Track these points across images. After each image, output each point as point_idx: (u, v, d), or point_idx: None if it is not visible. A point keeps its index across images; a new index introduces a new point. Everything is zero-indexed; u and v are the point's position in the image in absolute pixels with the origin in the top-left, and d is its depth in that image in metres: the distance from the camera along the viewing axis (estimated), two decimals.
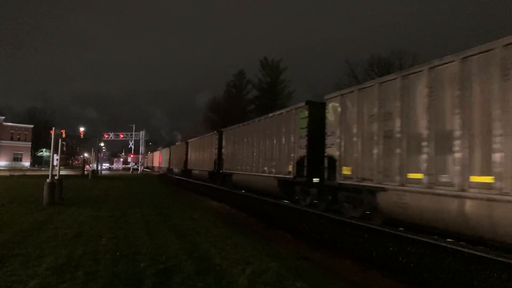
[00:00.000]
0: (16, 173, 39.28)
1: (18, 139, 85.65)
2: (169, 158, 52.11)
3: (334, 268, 7.56)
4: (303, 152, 13.55)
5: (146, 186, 29.54)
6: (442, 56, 8.38)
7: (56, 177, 16.35)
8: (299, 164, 13.74)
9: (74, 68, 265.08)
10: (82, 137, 58.21)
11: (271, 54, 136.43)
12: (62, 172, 27.98)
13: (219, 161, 24.71)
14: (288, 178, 14.57)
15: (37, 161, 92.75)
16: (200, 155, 31.03)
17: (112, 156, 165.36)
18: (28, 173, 43.75)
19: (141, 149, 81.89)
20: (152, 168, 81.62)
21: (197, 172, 32.05)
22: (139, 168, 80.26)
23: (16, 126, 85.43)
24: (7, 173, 40.11)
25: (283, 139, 15.37)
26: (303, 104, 14.12)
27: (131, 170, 78.85)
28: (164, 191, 25.54)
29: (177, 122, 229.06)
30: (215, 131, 26.55)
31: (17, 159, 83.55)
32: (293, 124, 14.50)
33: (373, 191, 9.92)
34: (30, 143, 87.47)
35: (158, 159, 70.92)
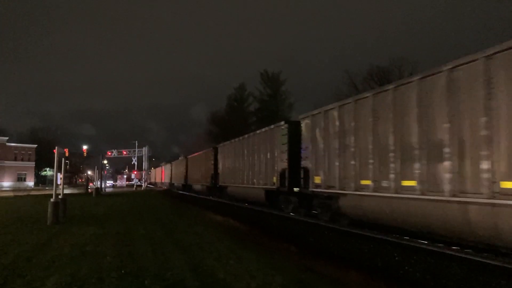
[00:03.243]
0: (21, 193, 39.34)
1: (22, 159, 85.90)
2: (186, 172, 40.85)
3: (340, 279, 7.53)
4: None
5: (150, 203, 29.51)
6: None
7: (60, 196, 16.39)
8: None
9: (69, 85, 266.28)
10: (85, 155, 58.40)
11: (270, 66, 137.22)
12: (66, 191, 28.07)
13: (292, 172, 15.28)
14: None
15: (41, 181, 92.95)
16: (243, 166, 21.29)
17: (115, 173, 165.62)
18: (33, 193, 43.83)
19: (145, 165, 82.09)
20: (161, 183, 74.53)
21: (237, 190, 22.63)
22: (143, 184, 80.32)
23: (20, 146, 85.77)
24: (11, 194, 40.21)
25: None
26: None
27: (134, 186, 78.92)
28: (167, 206, 25.50)
29: (177, 137, 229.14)
30: (282, 122, 16.74)
31: (21, 179, 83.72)
32: None
33: None
34: (34, 162, 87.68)
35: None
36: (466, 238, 7.97)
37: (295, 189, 14.94)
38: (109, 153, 78.84)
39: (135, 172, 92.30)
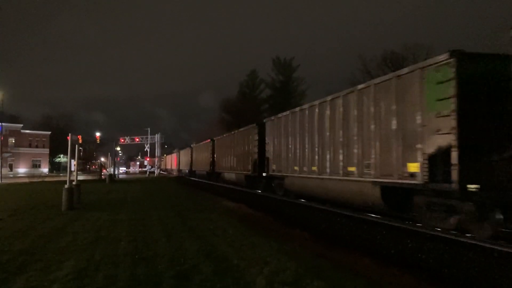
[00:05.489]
0: (35, 180, 39.91)
1: (36, 146, 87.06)
2: (212, 158, 33.83)
3: (353, 266, 7.51)
4: None
5: (163, 189, 29.74)
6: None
7: (74, 183, 16.56)
8: None
9: (77, 73, 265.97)
10: (98, 142, 58.94)
11: (282, 52, 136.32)
12: (80, 177, 28.43)
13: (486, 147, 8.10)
14: None
15: (55, 167, 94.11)
16: (323, 145, 13.62)
17: (128, 159, 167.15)
18: (47, 179, 44.40)
19: (157, 152, 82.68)
20: (178, 171, 65.76)
21: (307, 183, 15.00)
22: (156, 171, 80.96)
23: (34, 133, 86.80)
24: (26, 180, 40.84)
25: None
26: None
27: (147, 173, 79.61)
28: (180, 193, 25.66)
29: (188, 124, 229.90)
30: (440, 58, 8.62)
31: (36, 165, 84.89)
32: None
33: None
34: (48, 149, 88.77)
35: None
36: None
37: (471, 187, 7.90)
38: (122, 140, 79.52)
39: (148, 159, 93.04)
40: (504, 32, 7.14)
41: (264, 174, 19.74)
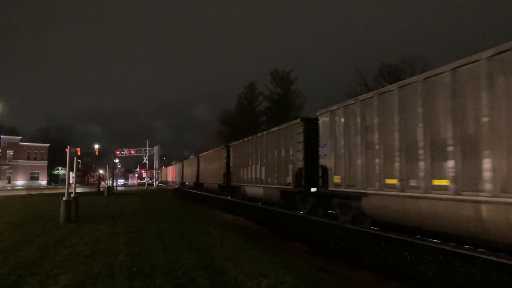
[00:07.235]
0: (34, 192, 39.79)
1: (35, 158, 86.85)
2: (226, 168, 27.81)
3: (351, 279, 7.49)
4: None
5: (161, 201, 29.62)
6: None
7: (72, 195, 16.52)
8: None
9: (72, 86, 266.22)
10: (97, 154, 58.86)
11: (281, 65, 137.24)
12: (78, 190, 28.31)
13: None
14: None
15: (53, 179, 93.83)
16: None
17: (127, 172, 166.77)
18: (45, 191, 44.23)
19: (155, 164, 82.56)
20: (180, 183, 57.41)
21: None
22: (154, 183, 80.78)
23: (32, 146, 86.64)
24: (24, 192, 40.71)
25: None
26: None
27: (146, 185, 79.40)
28: (178, 205, 25.56)
29: (185, 136, 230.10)
30: None
31: (34, 178, 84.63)
32: None
33: None
34: (46, 162, 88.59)
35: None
36: None
37: None
38: (120, 152, 79.44)
39: (146, 171, 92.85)
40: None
41: (313, 190, 14.48)
